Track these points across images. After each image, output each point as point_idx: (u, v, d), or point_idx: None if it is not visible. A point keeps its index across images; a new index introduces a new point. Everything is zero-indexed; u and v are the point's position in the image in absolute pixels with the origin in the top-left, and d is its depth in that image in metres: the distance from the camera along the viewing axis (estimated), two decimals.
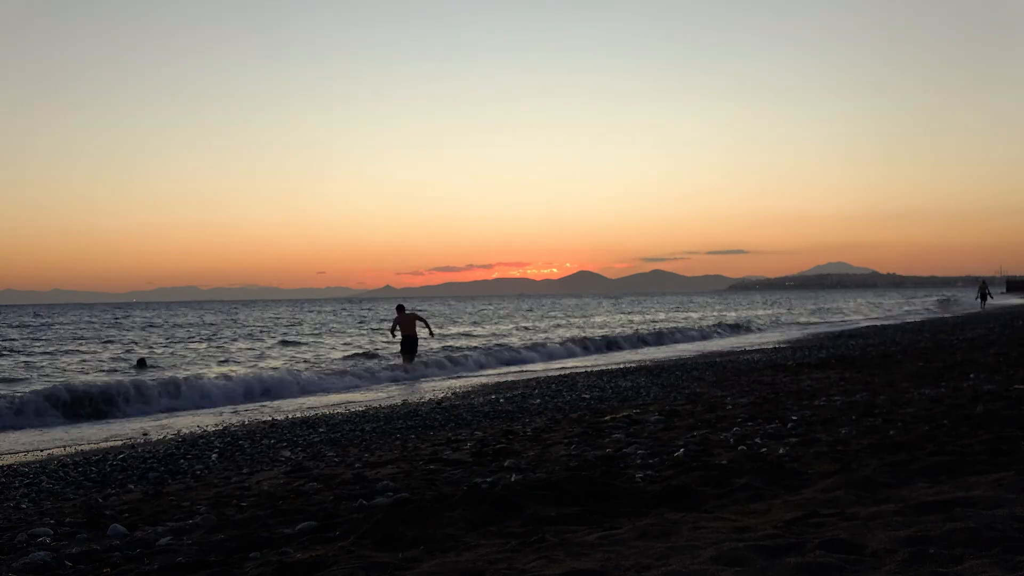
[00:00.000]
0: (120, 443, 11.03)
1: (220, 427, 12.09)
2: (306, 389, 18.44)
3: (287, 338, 39.41)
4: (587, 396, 13.26)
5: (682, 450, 6.89)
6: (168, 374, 20.45)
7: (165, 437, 11.35)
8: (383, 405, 14.24)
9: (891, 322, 41.23)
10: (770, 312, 62.09)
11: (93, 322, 64.81)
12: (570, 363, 23.77)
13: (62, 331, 49.93)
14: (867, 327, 35.95)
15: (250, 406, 15.68)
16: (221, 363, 26.04)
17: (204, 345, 35.70)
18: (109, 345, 36.30)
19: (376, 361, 24.03)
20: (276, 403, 16.13)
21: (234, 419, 13.25)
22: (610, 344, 31.07)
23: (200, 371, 22.04)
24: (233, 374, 20.45)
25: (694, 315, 59.19)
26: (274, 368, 22.50)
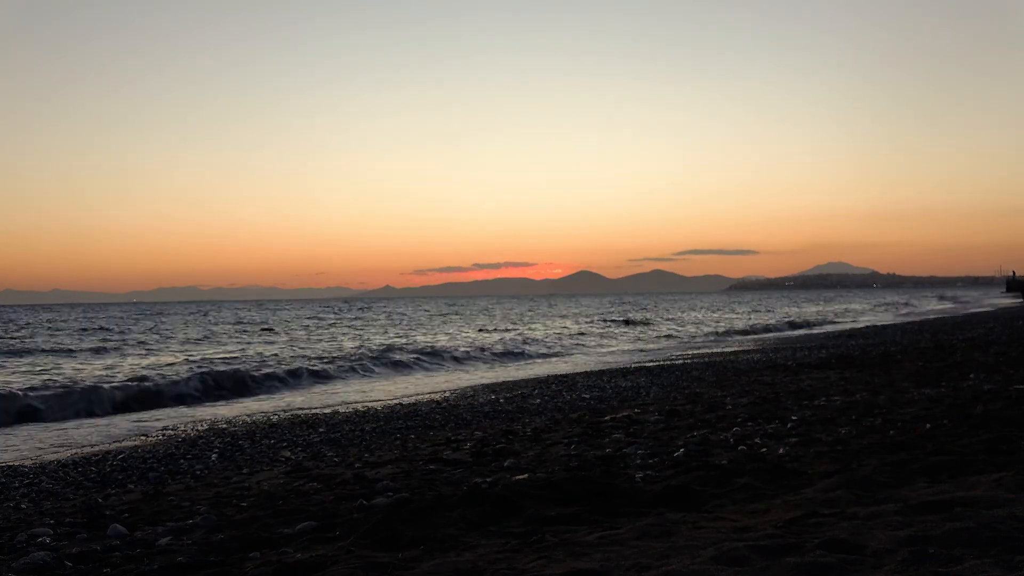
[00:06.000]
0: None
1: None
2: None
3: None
4: (587, 396, 13.27)
5: (682, 450, 6.89)
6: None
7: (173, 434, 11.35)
8: (383, 405, 14.25)
9: (891, 322, 41.23)
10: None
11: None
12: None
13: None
14: (867, 327, 35.94)
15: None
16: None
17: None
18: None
19: None
20: None
21: None
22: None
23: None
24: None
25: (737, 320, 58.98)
26: None
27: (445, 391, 16.33)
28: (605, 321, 46.19)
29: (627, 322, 43.98)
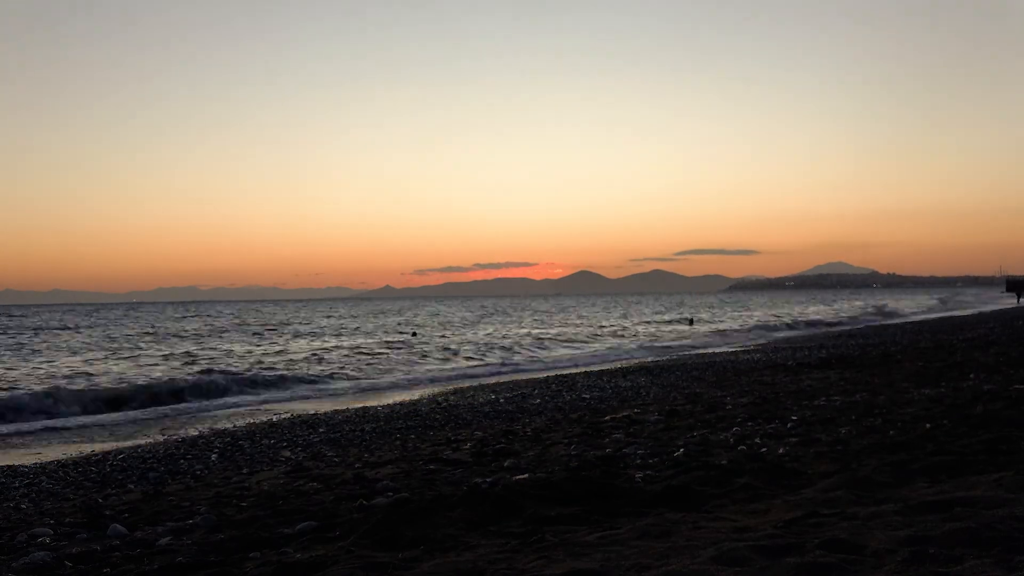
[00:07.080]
0: None
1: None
2: None
3: None
4: (587, 396, 13.27)
5: (682, 450, 6.89)
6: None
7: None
8: (382, 405, 14.25)
9: (891, 322, 41.24)
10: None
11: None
12: None
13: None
14: (867, 327, 35.92)
15: None
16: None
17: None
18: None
19: None
20: None
21: None
22: None
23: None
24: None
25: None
26: None
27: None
28: (669, 320, 50.68)
29: (691, 321, 47.61)
